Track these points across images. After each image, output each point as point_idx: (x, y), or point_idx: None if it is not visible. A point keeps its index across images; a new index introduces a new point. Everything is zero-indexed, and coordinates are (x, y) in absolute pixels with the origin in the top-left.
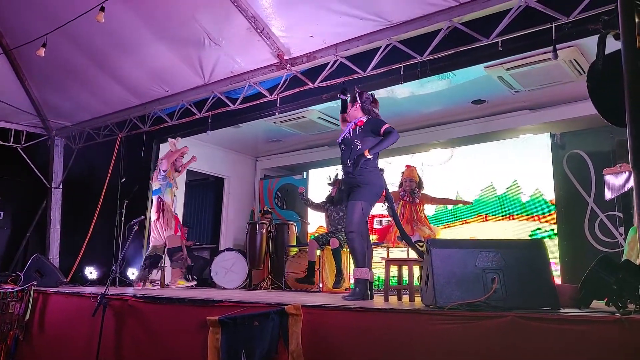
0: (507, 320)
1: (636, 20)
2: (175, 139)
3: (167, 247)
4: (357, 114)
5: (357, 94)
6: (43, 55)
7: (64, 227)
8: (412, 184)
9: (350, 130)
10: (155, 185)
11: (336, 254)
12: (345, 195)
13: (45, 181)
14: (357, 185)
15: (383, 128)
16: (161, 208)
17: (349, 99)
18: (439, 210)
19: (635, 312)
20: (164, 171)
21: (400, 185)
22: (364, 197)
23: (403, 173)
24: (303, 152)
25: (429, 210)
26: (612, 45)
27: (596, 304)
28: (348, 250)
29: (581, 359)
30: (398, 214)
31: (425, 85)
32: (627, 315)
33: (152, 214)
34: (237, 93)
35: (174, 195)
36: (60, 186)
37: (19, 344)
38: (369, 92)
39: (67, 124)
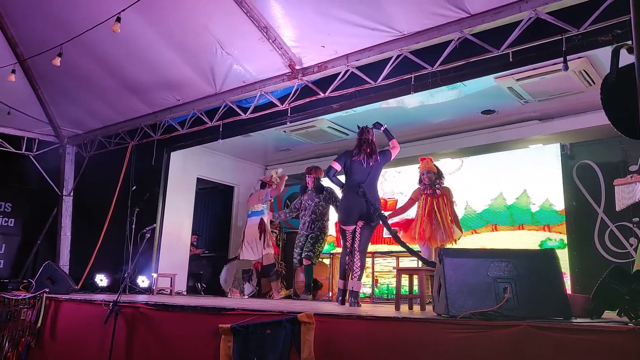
0: (520, 330)
1: None
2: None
3: (263, 263)
4: None
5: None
6: (59, 64)
7: (74, 234)
8: (430, 175)
9: None
10: (257, 207)
11: (307, 270)
12: None
13: (56, 189)
14: None
15: None
16: (264, 228)
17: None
18: None
19: None
20: (271, 197)
21: (420, 181)
22: None
23: (420, 167)
24: (312, 161)
25: None
26: (626, 58)
27: (608, 314)
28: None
29: None
30: (420, 210)
31: (436, 95)
32: (639, 325)
33: (252, 233)
34: (248, 102)
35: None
36: (71, 194)
37: (30, 351)
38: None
39: (79, 132)
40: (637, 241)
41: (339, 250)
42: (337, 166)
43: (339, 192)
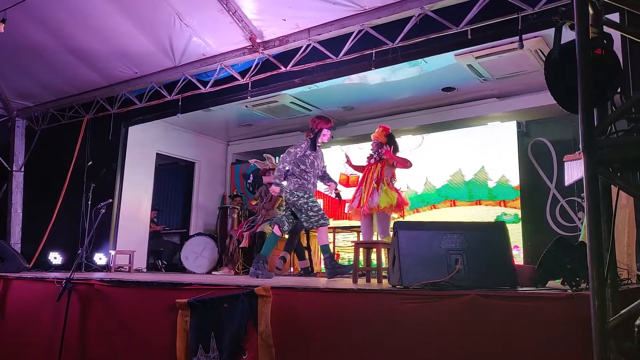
0: (469, 299)
1: (590, 11)
2: None
3: None
4: None
5: None
6: (2, 31)
7: (26, 211)
8: (377, 147)
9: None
10: None
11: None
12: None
13: (5, 164)
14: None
15: None
16: None
17: None
18: (409, 196)
19: (586, 289)
20: None
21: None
22: None
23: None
24: (275, 137)
25: None
26: (569, 35)
27: (552, 283)
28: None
29: (537, 331)
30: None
31: (397, 72)
32: (578, 292)
33: None
34: (208, 76)
35: None
36: (22, 169)
37: None
38: None
39: (29, 104)
40: (584, 215)
41: None
42: None
43: None
